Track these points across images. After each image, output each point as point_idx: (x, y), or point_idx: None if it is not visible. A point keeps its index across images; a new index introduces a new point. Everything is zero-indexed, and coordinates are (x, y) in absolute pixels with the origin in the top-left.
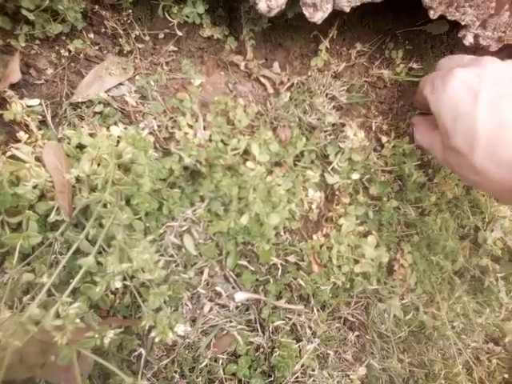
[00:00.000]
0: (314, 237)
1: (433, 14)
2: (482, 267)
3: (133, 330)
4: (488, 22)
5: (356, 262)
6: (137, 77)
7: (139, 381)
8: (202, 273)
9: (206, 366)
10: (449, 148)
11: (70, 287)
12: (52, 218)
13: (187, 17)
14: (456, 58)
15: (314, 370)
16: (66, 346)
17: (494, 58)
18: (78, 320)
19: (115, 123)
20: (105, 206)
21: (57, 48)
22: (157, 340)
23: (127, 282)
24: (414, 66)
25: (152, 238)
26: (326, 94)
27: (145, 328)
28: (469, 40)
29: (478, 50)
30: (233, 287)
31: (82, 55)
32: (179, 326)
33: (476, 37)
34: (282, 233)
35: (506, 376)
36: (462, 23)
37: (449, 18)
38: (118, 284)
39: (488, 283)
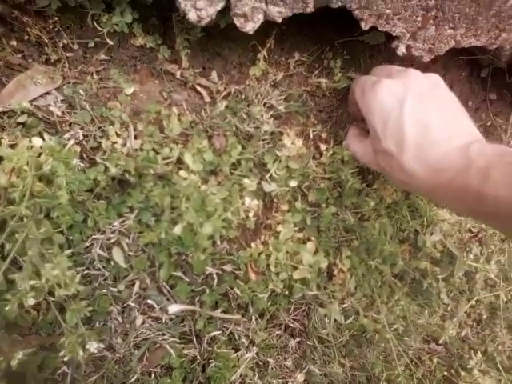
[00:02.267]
0: (253, 245)
1: (364, 25)
2: (421, 270)
3: (57, 347)
4: (417, 34)
5: (294, 268)
6: (65, 86)
7: None
8: (132, 285)
9: (138, 380)
10: (380, 151)
11: None
12: None
13: (117, 26)
14: (387, 68)
15: (252, 380)
16: None
17: (416, 71)
18: None
19: (39, 134)
20: (21, 219)
21: None
22: (66, 359)
23: (50, 298)
24: (353, 75)
25: (72, 251)
26: (264, 103)
27: (64, 347)
28: (401, 50)
29: (414, 60)
30: (167, 299)
31: (1, 63)
32: (92, 344)
33: (408, 48)
34: (219, 242)
35: (446, 373)
36: (394, 34)
37: (380, 29)
38: (32, 301)
39: (427, 285)
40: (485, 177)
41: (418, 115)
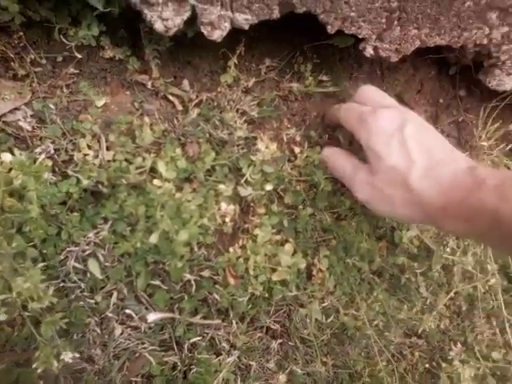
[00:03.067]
0: (231, 249)
1: (330, 29)
2: (399, 265)
3: (32, 362)
4: (383, 36)
5: (273, 270)
6: (34, 101)
7: None
8: (110, 296)
9: None
10: (380, 172)
11: None
12: None
13: (84, 39)
14: (378, 96)
15: (235, 383)
16: None
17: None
18: None
19: (9, 149)
20: None
21: None
22: (42, 373)
23: (25, 313)
24: (324, 78)
25: (47, 264)
26: (237, 109)
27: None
28: (369, 52)
29: (383, 61)
30: (146, 308)
31: None
32: (66, 354)
33: (375, 49)
34: (196, 248)
35: (428, 366)
36: (360, 36)
37: (346, 32)
38: (4, 317)
39: (405, 280)
40: (501, 196)
41: (419, 138)
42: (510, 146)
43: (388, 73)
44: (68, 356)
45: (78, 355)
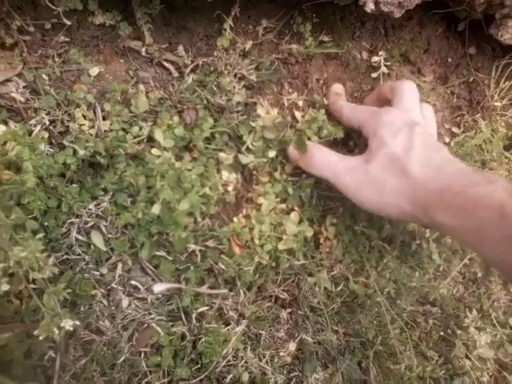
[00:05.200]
0: (235, 219)
1: None
2: (410, 232)
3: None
4: None
5: (279, 239)
6: (25, 71)
7: None
8: (115, 268)
9: (127, 360)
10: (379, 155)
11: None
12: None
13: (69, 2)
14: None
15: (243, 352)
16: None
17: None
18: None
19: (4, 121)
20: None
21: None
22: (41, 338)
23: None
24: (325, 38)
25: (49, 237)
26: (235, 74)
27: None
28: (370, 7)
29: (385, 18)
30: (152, 279)
31: None
32: (67, 322)
33: (377, 3)
34: (200, 219)
35: (442, 333)
36: None
37: None
38: (6, 287)
39: (416, 247)
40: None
41: (427, 140)
42: None
43: (392, 31)
44: (68, 324)
45: (78, 323)
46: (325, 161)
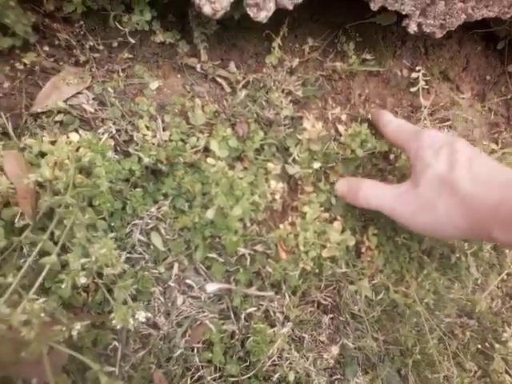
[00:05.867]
0: (281, 226)
1: (373, 6)
2: (449, 245)
3: (107, 325)
4: (427, 11)
5: (323, 247)
6: (94, 85)
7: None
8: (172, 267)
9: (182, 355)
10: (425, 178)
11: (37, 284)
12: (17, 222)
13: (137, 24)
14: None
15: (289, 353)
16: (33, 341)
17: None
18: (43, 314)
19: (75, 130)
20: (67, 207)
21: (11, 62)
22: (118, 327)
23: (97, 281)
24: (367, 56)
25: (114, 235)
26: (282, 90)
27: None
28: (412, 28)
29: (426, 38)
30: (204, 279)
31: (37, 67)
32: (140, 313)
33: (419, 25)
34: (249, 224)
35: (480, 346)
36: (403, 13)
37: (389, 8)
38: (83, 280)
39: (455, 259)
40: None
41: (470, 153)
42: None
43: (432, 50)
44: (142, 315)
45: (150, 314)
46: (372, 194)
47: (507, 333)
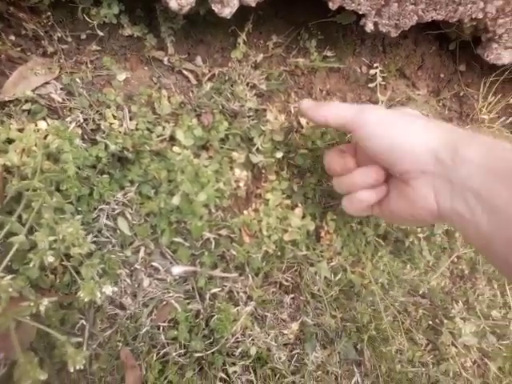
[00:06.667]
0: (245, 212)
1: (332, 6)
2: (403, 230)
3: (75, 306)
4: (382, 11)
5: (285, 231)
6: (63, 75)
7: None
8: (138, 251)
9: (148, 333)
10: None
11: (3, 264)
12: None
13: (105, 17)
14: None
15: (252, 330)
16: (0, 315)
17: None
18: (10, 289)
19: (43, 118)
20: (35, 191)
21: None
22: (86, 300)
23: (65, 263)
24: (329, 53)
25: (82, 221)
26: (247, 83)
27: (84, 302)
28: (369, 27)
29: (384, 36)
30: (170, 262)
31: (3, 56)
32: (107, 287)
33: (375, 24)
34: (214, 210)
35: (431, 323)
36: (360, 12)
37: (347, 8)
38: (51, 259)
39: (408, 243)
40: None
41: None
42: (510, 119)
43: (390, 48)
44: (108, 289)
45: (116, 289)
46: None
47: (455, 309)
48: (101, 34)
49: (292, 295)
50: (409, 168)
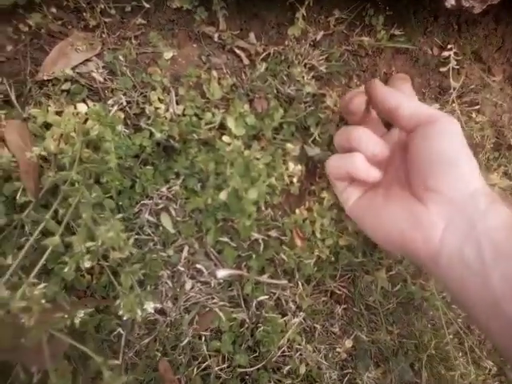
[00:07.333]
0: (297, 211)
1: None
2: None
3: (111, 310)
4: None
5: (340, 234)
6: (105, 52)
7: (113, 363)
8: (181, 251)
9: (189, 343)
10: None
11: (37, 268)
12: (19, 198)
13: None
14: None
15: (300, 344)
16: (33, 328)
17: None
18: (43, 301)
19: (83, 100)
20: (72, 184)
21: (14, 22)
22: (125, 318)
23: (102, 262)
24: (396, 32)
25: (122, 216)
26: (305, 64)
27: (121, 307)
28: (450, 2)
29: (461, 13)
30: (215, 264)
31: (44, 30)
32: (148, 304)
33: None
34: (264, 208)
35: None
36: None
37: None
38: (88, 264)
39: None
40: None
41: None
42: None
43: (466, 27)
44: (150, 306)
45: (158, 305)
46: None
47: None
48: (147, 5)
49: (344, 306)
50: (444, 189)
